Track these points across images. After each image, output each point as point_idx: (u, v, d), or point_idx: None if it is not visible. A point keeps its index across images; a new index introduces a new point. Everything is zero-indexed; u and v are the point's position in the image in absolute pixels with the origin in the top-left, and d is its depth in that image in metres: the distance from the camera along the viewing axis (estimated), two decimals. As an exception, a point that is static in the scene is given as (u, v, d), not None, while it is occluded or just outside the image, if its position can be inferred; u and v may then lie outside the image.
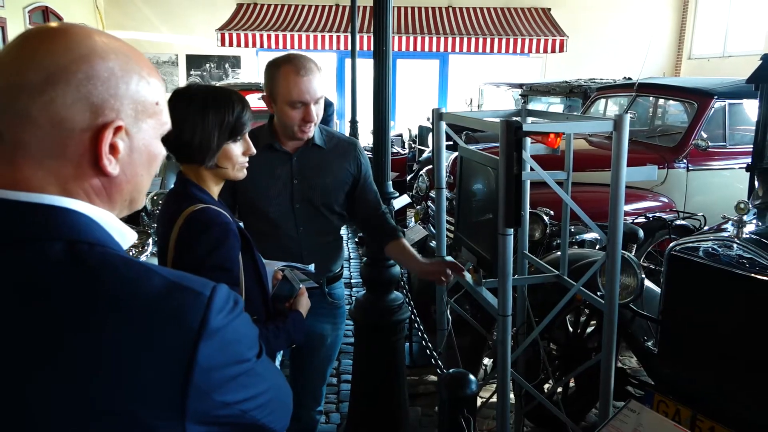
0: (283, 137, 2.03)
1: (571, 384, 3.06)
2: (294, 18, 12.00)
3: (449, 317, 2.62)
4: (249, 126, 1.54)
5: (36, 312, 0.69)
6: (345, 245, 2.32)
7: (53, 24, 0.77)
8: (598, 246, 3.42)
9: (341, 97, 12.20)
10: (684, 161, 4.42)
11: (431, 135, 7.50)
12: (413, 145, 8.46)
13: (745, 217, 2.24)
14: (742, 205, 2.23)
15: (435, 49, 11.71)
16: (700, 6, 12.41)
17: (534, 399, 2.50)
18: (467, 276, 2.38)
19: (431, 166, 5.05)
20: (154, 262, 1.09)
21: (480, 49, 11.65)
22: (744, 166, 3.19)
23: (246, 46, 11.54)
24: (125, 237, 0.82)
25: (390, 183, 2.52)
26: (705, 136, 4.29)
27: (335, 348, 2.30)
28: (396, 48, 11.15)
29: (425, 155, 7.34)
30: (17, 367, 0.69)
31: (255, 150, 1.59)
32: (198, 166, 1.51)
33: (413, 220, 4.94)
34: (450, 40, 11.60)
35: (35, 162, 0.73)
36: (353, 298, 4.65)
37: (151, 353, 0.70)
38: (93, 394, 0.69)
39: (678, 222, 3.85)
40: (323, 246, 2.14)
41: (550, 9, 12.48)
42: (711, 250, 2.26)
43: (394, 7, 2.38)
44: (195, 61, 12.55)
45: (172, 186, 1.61)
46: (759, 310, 2.09)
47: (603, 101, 5.52)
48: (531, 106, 6.92)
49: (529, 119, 2.57)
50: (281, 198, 2.05)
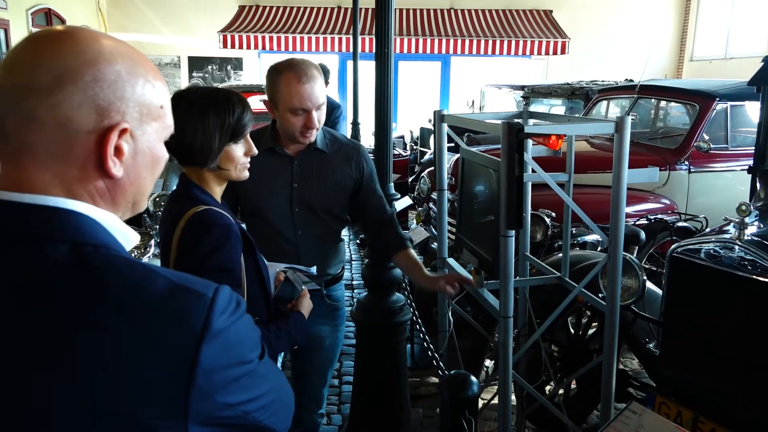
0: (285, 140, 2.02)
1: (573, 386, 3.06)
2: (296, 20, 12.02)
3: (451, 319, 2.63)
4: (250, 127, 1.54)
5: (38, 312, 0.70)
6: (346, 247, 2.31)
7: (60, 27, 0.77)
8: (599, 248, 3.42)
9: (343, 99, 12.21)
10: (686, 163, 4.42)
11: (433, 137, 7.49)
12: (415, 147, 8.46)
13: (747, 219, 2.24)
14: (743, 207, 2.23)
15: (437, 51, 11.72)
16: (701, 8, 12.41)
17: (535, 401, 2.50)
18: (468, 277, 2.38)
19: (433, 167, 5.05)
20: (156, 263, 1.09)
21: (482, 51, 11.67)
22: (746, 168, 3.19)
23: (248, 48, 11.56)
24: (128, 239, 0.82)
25: (392, 185, 2.53)
26: (707, 138, 4.29)
27: (335, 350, 2.28)
28: (398, 50, 11.16)
29: (427, 157, 7.34)
30: (19, 367, 0.69)
31: (257, 150, 1.59)
32: (200, 168, 1.52)
33: (415, 221, 4.95)
34: (452, 41, 11.61)
35: (40, 163, 0.74)
36: (355, 299, 4.65)
37: (154, 354, 0.71)
38: (94, 394, 0.69)
39: (679, 224, 3.85)
40: (321, 249, 2.12)
41: (551, 11, 12.49)
42: (712, 252, 2.26)
43: (395, 9, 2.38)
44: (197, 63, 12.57)
45: (174, 188, 1.61)
46: (760, 311, 2.09)
47: (605, 103, 5.52)
48: (532, 107, 6.91)
49: (531, 121, 2.57)
50: (280, 201, 2.04)
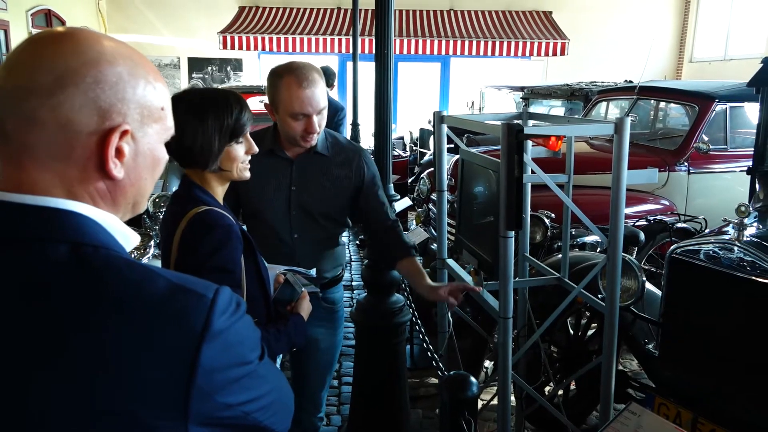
0: (286, 143, 2.02)
1: (572, 386, 3.06)
2: (296, 21, 12.03)
3: (450, 319, 2.63)
4: (249, 126, 1.54)
5: (38, 312, 0.70)
6: (345, 249, 2.30)
7: (61, 28, 0.77)
8: (598, 249, 3.42)
9: (342, 100, 12.20)
10: (685, 164, 4.42)
11: (432, 138, 7.49)
12: (414, 148, 8.46)
13: (746, 220, 2.25)
14: (743, 208, 2.23)
15: (436, 52, 11.73)
16: (701, 9, 12.42)
17: (535, 401, 2.50)
18: (468, 278, 2.38)
19: (432, 168, 5.06)
20: (155, 264, 1.09)
21: (481, 52, 11.68)
22: (745, 169, 3.19)
23: (248, 49, 11.56)
24: (129, 239, 0.83)
25: (391, 186, 2.53)
26: (706, 139, 4.30)
27: (333, 353, 2.26)
28: (397, 51, 11.17)
29: (426, 158, 7.34)
30: (19, 367, 0.70)
31: (257, 148, 1.59)
32: (201, 170, 1.52)
33: (414, 222, 4.95)
34: (451, 43, 11.62)
35: (41, 164, 0.74)
36: (354, 300, 4.65)
37: (154, 355, 0.71)
38: (94, 394, 0.69)
39: (679, 225, 3.86)
40: (318, 253, 2.11)
41: (551, 12, 12.50)
42: (712, 253, 2.26)
43: (395, 10, 2.38)
44: (197, 64, 12.58)
45: (173, 189, 1.61)
46: (759, 312, 2.10)
47: (604, 104, 5.52)
48: (532, 109, 6.92)
49: (530, 122, 2.58)
50: (278, 204, 2.04)
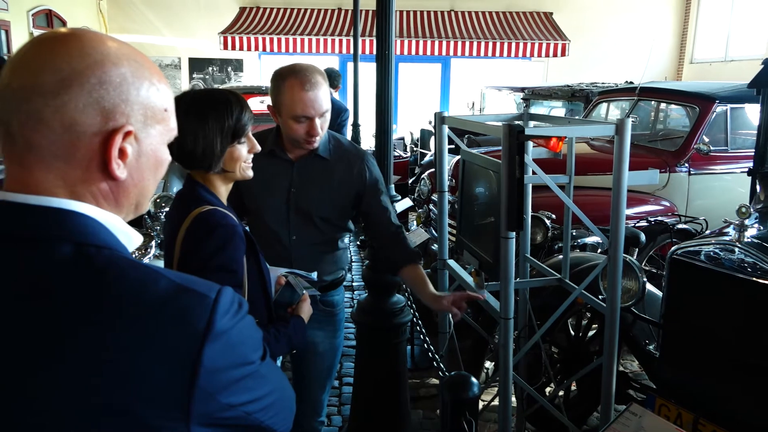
0: (288, 144, 2.02)
1: (573, 387, 3.06)
2: (296, 21, 12.04)
3: (451, 320, 2.63)
4: (250, 125, 1.54)
5: (41, 312, 0.70)
6: (347, 253, 2.27)
7: (66, 29, 0.78)
8: (599, 249, 3.42)
9: (343, 101, 12.21)
10: (686, 165, 4.43)
11: (433, 138, 7.50)
12: (415, 149, 8.47)
13: (747, 221, 2.24)
14: (743, 209, 2.23)
15: (437, 53, 11.74)
16: (701, 10, 12.43)
17: (536, 402, 2.50)
18: (469, 279, 2.38)
19: (433, 169, 5.06)
20: (156, 264, 1.09)
21: (482, 53, 11.69)
22: (746, 170, 3.19)
23: (248, 49, 11.58)
24: (131, 240, 0.83)
25: (392, 186, 2.53)
26: (707, 140, 4.30)
27: (332, 357, 2.23)
28: (398, 52, 11.17)
29: (427, 158, 7.35)
30: (22, 365, 0.70)
31: (260, 147, 1.59)
32: (205, 172, 1.52)
33: (415, 223, 4.96)
34: (452, 43, 11.63)
35: (45, 164, 0.74)
36: (355, 300, 4.65)
37: (157, 355, 0.71)
38: (97, 394, 0.69)
39: (679, 226, 3.85)
40: (316, 256, 2.08)
41: (552, 13, 12.51)
42: (713, 254, 2.26)
43: (396, 11, 2.39)
44: (198, 65, 12.59)
45: (174, 189, 1.61)
46: (760, 314, 2.10)
47: (605, 105, 5.52)
48: (533, 109, 6.93)
49: (531, 123, 2.58)
50: (277, 205, 2.03)
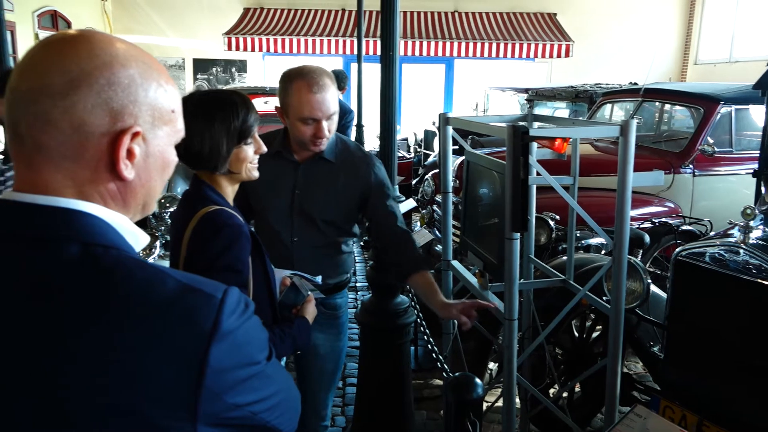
0: (295, 146, 2.02)
1: (577, 389, 3.06)
2: (300, 22, 12.04)
3: (455, 321, 2.63)
4: (256, 127, 1.55)
5: (49, 311, 0.70)
6: (351, 257, 2.25)
7: (75, 31, 0.78)
8: (603, 251, 3.42)
9: (347, 102, 12.22)
10: (690, 166, 4.41)
11: (437, 139, 7.47)
12: (419, 150, 8.47)
13: (752, 223, 2.24)
14: (748, 211, 2.22)
15: (441, 54, 11.73)
16: (706, 11, 12.39)
17: (539, 403, 2.49)
18: (473, 280, 2.39)
19: (437, 170, 5.06)
20: (162, 264, 1.09)
21: (486, 54, 11.67)
22: (750, 171, 3.19)
23: (252, 50, 11.58)
24: (138, 240, 0.83)
25: (396, 187, 2.53)
26: (711, 141, 4.28)
27: (334, 360, 2.22)
28: (402, 52, 11.17)
29: (431, 159, 7.35)
30: (31, 365, 0.70)
31: (266, 148, 1.60)
32: (211, 172, 1.53)
33: (419, 224, 4.96)
34: (456, 44, 11.62)
35: (54, 164, 0.74)
36: (358, 301, 4.65)
37: (164, 355, 0.71)
38: (104, 393, 0.70)
39: (684, 227, 3.84)
40: (317, 259, 2.06)
41: (556, 14, 12.50)
42: (717, 255, 2.25)
43: (400, 12, 2.38)
44: (202, 65, 12.61)
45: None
46: (765, 315, 2.09)
47: (609, 106, 5.52)
48: (536, 110, 6.92)
49: (536, 124, 2.58)
50: (281, 206, 2.04)
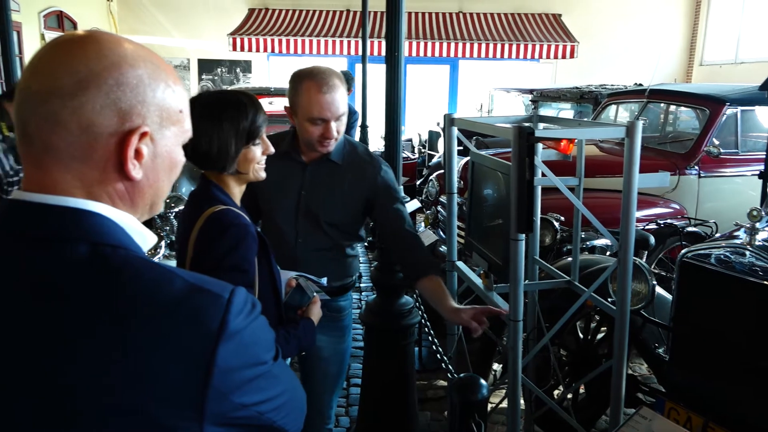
0: (303, 147, 2.02)
1: (581, 390, 3.05)
2: (305, 23, 12.06)
3: (461, 323, 2.62)
4: (264, 128, 1.55)
5: (57, 310, 0.71)
6: (357, 261, 2.24)
7: (83, 31, 0.78)
8: (608, 252, 3.41)
9: (351, 102, 12.22)
10: (695, 168, 4.40)
11: (441, 140, 7.45)
12: (423, 150, 8.46)
13: (758, 225, 2.23)
14: (755, 213, 2.22)
15: (445, 55, 11.73)
16: (711, 12, 12.35)
17: (544, 404, 2.49)
18: (478, 281, 2.38)
19: (441, 170, 5.05)
20: (165, 264, 1.09)
21: (490, 55, 11.67)
22: (756, 173, 3.18)
23: (257, 50, 11.60)
24: (146, 240, 0.84)
25: (401, 188, 2.53)
26: (717, 142, 4.27)
27: (338, 363, 2.21)
28: (406, 53, 11.16)
29: (435, 160, 7.34)
30: (41, 364, 0.70)
31: (273, 149, 1.60)
32: (219, 172, 1.53)
33: (423, 224, 4.95)
34: (460, 45, 11.62)
35: (63, 165, 0.75)
36: (363, 302, 4.65)
37: (171, 354, 0.71)
38: (112, 393, 0.70)
39: (689, 229, 3.83)
40: (321, 261, 2.05)
41: (560, 15, 12.48)
42: (723, 257, 2.25)
43: (405, 13, 2.38)
44: (206, 66, 12.64)
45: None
46: (771, 317, 2.08)
47: (614, 107, 5.50)
48: (541, 111, 6.92)
49: (541, 125, 2.57)
50: (287, 206, 2.04)
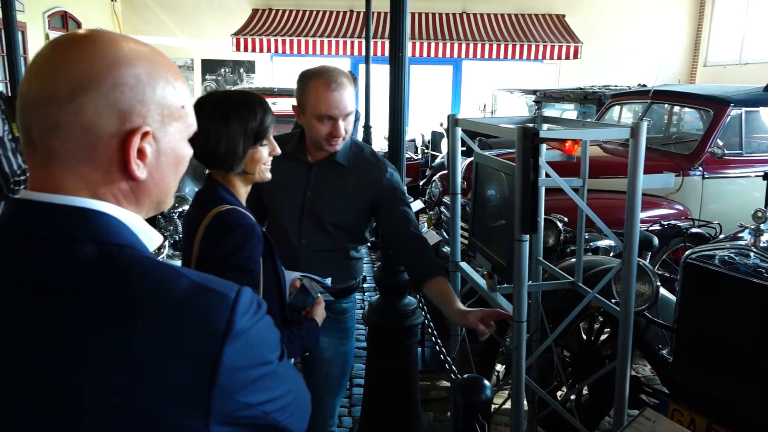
0: (310, 147, 2.02)
1: (584, 391, 3.05)
2: (308, 23, 12.07)
3: (463, 322, 2.62)
4: (272, 128, 1.56)
5: (64, 310, 0.71)
6: (361, 264, 2.22)
7: (81, 31, 0.78)
8: (612, 253, 3.40)
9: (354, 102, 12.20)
10: (699, 169, 4.39)
11: (444, 141, 7.45)
12: (426, 151, 8.47)
13: (763, 226, 2.23)
14: (759, 214, 2.21)
15: (448, 55, 11.72)
16: (716, 13, 12.32)
17: (547, 405, 2.49)
18: (481, 282, 2.38)
19: (444, 171, 5.05)
20: (171, 263, 1.09)
21: (494, 56, 11.65)
22: (761, 174, 3.17)
23: (260, 51, 11.61)
24: (152, 239, 0.84)
25: (404, 188, 2.53)
26: (721, 143, 4.26)
27: (341, 365, 2.20)
28: (410, 53, 11.12)
29: (438, 160, 7.35)
30: (48, 364, 0.71)
31: (280, 150, 1.61)
32: (225, 172, 1.54)
33: (426, 225, 4.95)
34: (464, 46, 11.61)
35: (66, 168, 0.75)
36: (366, 302, 4.65)
37: (178, 354, 0.72)
38: (118, 393, 0.70)
39: (693, 230, 3.83)
40: (324, 262, 2.05)
41: (564, 15, 12.46)
42: (727, 258, 2.24)
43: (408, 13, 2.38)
44: (210, 66, 12.65)
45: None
46: (776, 319, 2.08)
47: (617, 108, 5.49)
48: (544, 112, 6.91)
49: (545, 126, 2.57)
50: (292, 207, 2.04)
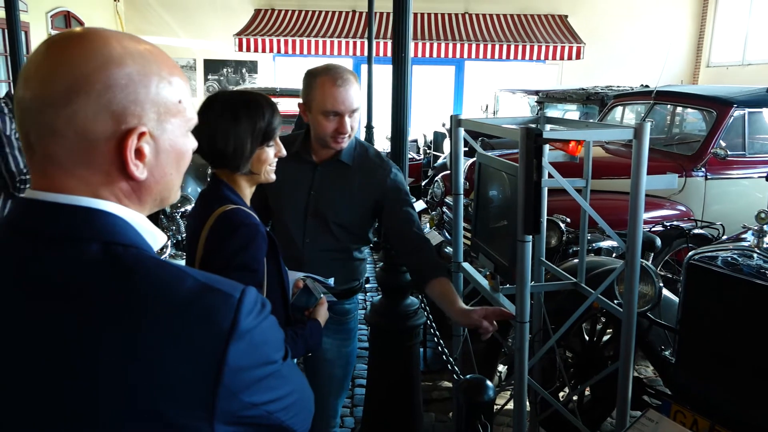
0: (316, 146, 2.02)
1: (587, 392, 3.04)
2: (311, 23, 12.07)
3: (465, 322, 2.62)
4: (279, 129, 1.57)
5: (70, 310, 0.71)
6: (364, 265, 2.22)
7: (74, 30, 0.77)
8: (615, 254, 3.40)
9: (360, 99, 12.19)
10: (702, 170, 4.38)
11: (446, 141, 7.43)
12: (428, 151, 8.46)
13: (766, 227, 2.23)
14: (762, 215, 2.21)
15: (451, 56, 11.71)
16: (718, 13, 12.29)
17: (549, 406, 2.49)
18: (484, 282, 2.38)
19: (446, 171, 5.05)
20: (176, 263, 1.09)
21: (496, 56, 11.63)
22: (764, 175, 3.17)
23: (263, 51, 11.61)
24: (156, 239, 0.84)
25: (407, 188, 2.53)
26: (724, 144, 4.25)
27: (343, 366, 2.20)
28: (412, 54, 11.14)
29: (440, 161, 7.34)
30: (53, 364, 0.71)
31: (285, 152, 1.62)
32: (231, 172, 1.55)
33: (428, 225, 4.95)
34: (466, 46, 11.60)
35: (66, 171, 0.75)
36: (368, 302, 4.65)
37: (182, 354, 0.72)
38: (124, 393, 0.70)
39: (696, 231, 3.82)
40: (327, 262, 2.05)
41: (567, 16, 12.45)
42: (730, 259, 2.24)
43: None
44: (212, 66, 12.66)
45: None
46: (779, 320, 2.07)
47: (620, 109, 5.49)
48: (547, 113, 6.90)
49: (548, 126, 2.57)
50: (296, 206, 2.04)
